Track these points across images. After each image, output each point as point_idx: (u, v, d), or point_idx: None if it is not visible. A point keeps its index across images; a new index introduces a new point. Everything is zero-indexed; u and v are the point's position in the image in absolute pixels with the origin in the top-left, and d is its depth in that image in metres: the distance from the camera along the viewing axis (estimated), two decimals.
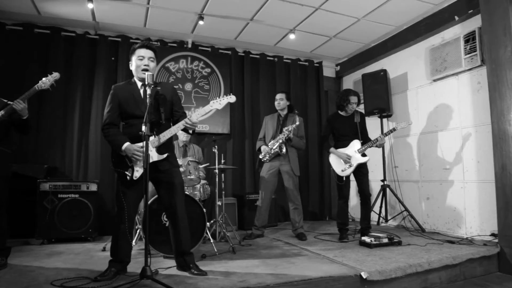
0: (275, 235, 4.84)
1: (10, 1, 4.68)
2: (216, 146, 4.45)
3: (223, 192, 4.56)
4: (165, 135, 2.75)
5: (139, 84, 2.88)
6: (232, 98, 2.88)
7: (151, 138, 2.73)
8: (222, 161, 4.67)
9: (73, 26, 5.39)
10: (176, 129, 2.76)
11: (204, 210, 3.78)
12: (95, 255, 3.62)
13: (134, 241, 3.76)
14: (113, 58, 5.51)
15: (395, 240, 3.94)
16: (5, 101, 3.30)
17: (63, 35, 5.36)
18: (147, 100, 2.61)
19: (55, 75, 3.28)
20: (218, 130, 6.00)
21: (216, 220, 4.29)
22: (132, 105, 2.81)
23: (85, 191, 4.41)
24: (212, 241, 3.83)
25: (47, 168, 4.63)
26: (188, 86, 5.96)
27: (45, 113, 5.19)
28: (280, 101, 4.78)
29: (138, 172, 2.72)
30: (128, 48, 5.58)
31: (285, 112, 4.80)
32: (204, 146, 5.14)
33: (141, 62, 2.83)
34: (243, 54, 6.36)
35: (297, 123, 4.52)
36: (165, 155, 2.76)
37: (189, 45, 6.01)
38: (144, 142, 2.48)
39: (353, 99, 4.38)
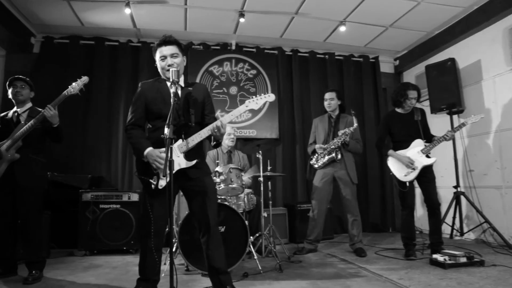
0: (330, 250, 4.31)
1: (55, 14, 4.75)
2: (260, 152, 4.06)
3: (270, 202, 4.15)
4: (194, 139, 2.41)
5: (169, 82, 2.59)
6: (270, 97, 2.48)
7: (179, 142, 2.42)
8: (269, 167, 4.27)
9: (116, 35, 5.37)
10: (206, 132, 2.41)
11: (247, 222, 3.39)
12: (131, 269, 3.38)
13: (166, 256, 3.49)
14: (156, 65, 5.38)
15: (475, 260, 3.25)
16: (39, 109, 3.21)
17: (107, 44, 5.37)
18: (171, 100, 2.30)
19: (84, 79, 3.15)
20: (266, 135, 5.63)
21: (262, 233, 3.87)
22: (160, 105, 2.49)
23: (126, 201, 4.25)
24: (256, 257, 3.42)
25: (90, 178, 4.55)
26: (233, 90, 5.67)
27: (90, 123, 5.19)
28: (331, 101, 4.28)
29: (163, 180, 2.40)
30: None
31: (336, 113, 4.29)
32: (250, 152, 4.77)
33: (164, 63, 2.53)
34: (290, 53, 5.95)
35: (355, 125, 4.02)
36: (193, 162, 2.41)
37: (233, 47, 5.74)
38: (166, 146, 2.15)
39: (412, 93, 3.77)
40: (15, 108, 3.29)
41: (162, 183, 2.39)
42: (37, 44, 5.30)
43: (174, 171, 2.29)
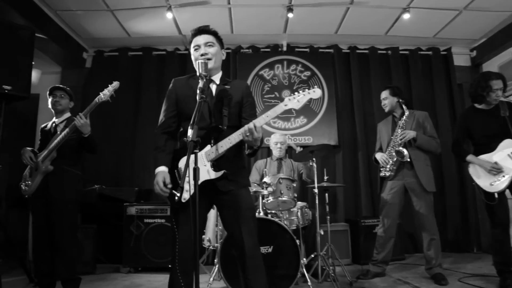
0: (401, 274, 3.64)
1: (102, 26, 4.75)
2: (314, 159, 3.56)
3: (328, 217, 3.62)
4: (223, 145, 2.01)
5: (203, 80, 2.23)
6: (315, 93, 2.00)
7: (207, 148, 2.04)
8: (325, 177, 3.75)
9: (163, 44, 5.26)
10: (236, 137, 2.00)
11: (298, 241, 2.91)
12: None
13: (211, 277, 3.12)
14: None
15: None
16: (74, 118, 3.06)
17: (155, 54, 5.29)
18: (197, 96, 1.94)
19: (114, 84, 2.99)
20: (324, 141, 5.09)
21: (318, 254, 3.34)
22: (192, 105, 2.09)
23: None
24: (310, 283, 2.92)
25: (137, 191, 4.38)
26: (286, 94, 5.24)
27: (140, 135, 5.09)
28: (384, 100, 3.69)
29: (188, 192, 2.03)
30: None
31: (399, 111, 3.66)
32: (303, 160, 4.27)
33: (197, 54, 2.19)
34: (348, 51, 5.38)
35: (406, 113, 3.47)
36: (220, 173, 2.01)
37: (284, 48, 5.33)
38: (189, 150, 1.78)
39: (496, 83, 3.04)
40: (54, 119, 3.21)
41: (186, 195, 2.02)
42: (89, 58, 5.36)
43: (200, 182, 1.92)
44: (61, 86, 3.26)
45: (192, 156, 1.85)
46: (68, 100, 3.23)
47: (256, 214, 3.24)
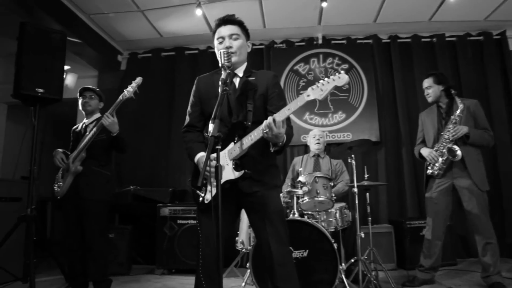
0: (452, 281, 3.30)
1: (134, 28, 4.77)
2: (352, 156, 3.32)
3: (370, 218, 3.35)
4: (244, 143, 1.84)
5: (224, 74, 2.08)
6: (341, 79, 1.70)
7: (230, 146, 1.88)
8: (366, 175, 3.48)
9: (195, 43, 5.21)
10: (258, 134, 1.82)
11: (335, 245, 2.69)
12: None
13: (244, 281, 2.97)
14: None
15: None
16: None
17: (187, 53, 5.25)
18: (219, 88, 1.79)
19: (137, 80, 2.96)
20: (365, 137, 4.78)
21: (358, 258, 3.08)
22: (215, 101, 1.97)
23: None
24: None
25: (172, 191, 4.33)
26: None
27: (174, 136, 5.06)
28: (428, 89, 3.35)
29: (210, 193, 1.88)
30: (255, 56, 5.10)
31: (444, 101, 3.31)
32: (341, 157, 4.01)
33: (221, 46, 2.04)
34: (388, 40, 5.04)
35: (460, 106, 3.09)
36: (240, 173, 1.83)
37: (320, 41, 5.09)
38: (208, 147, 1.63)
39: None
40: (84, 120, 3.21)
41: (208, 196, 1.87)
42: (123, 61, 5.43)
43: (221, 182, 1.77)
44: (90, 87, 3.26)
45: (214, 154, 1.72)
46: (98, 100, 3.23)
47: (291, 215, 3.07)
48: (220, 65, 1.92)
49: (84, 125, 3.15)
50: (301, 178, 3.23)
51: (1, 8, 3.71)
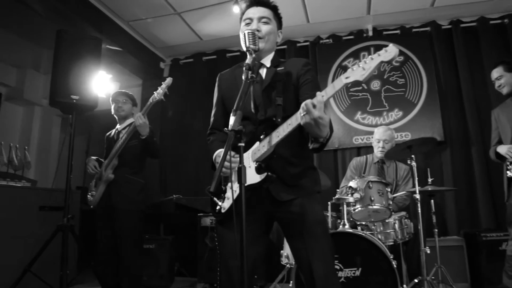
0: None
1: (173, 32, 4.67)
2: (413, 157, 2.86)
3: (436, 230, 2.86)
4: (270, 140, 1.52)
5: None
6: (388, 53, 1.31)
7: (255, 145, 1.57)
8: (430, 179, 2.99)
9: (236, 45, 4.98)
10: (286, 127, 1.48)
11: (395, 262, 2.26)
12: None
13: None
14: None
15: None
16: None
17: (229, 56, 5.07)
18: (243, 76, 1.50)
19: (167, 81, 2.82)
20: (427, 136, 4.24)
21: (423, 278, 2.60)
22: (234, 99, 1.67)
23: None
24: None
25: (212, 199, 4.10)
26: (375, 85, 4.54)
27: None
28: (498, 80, 2.86)
29: (228, 200, 1.59)
30: (300, 54, 4.77)
31: None
32: (398, 157, 3.49)
33: (247, 28, 1.75)
34: (449, 27, 4.45)
35: None
36: (263, 176, 1.50)
37: (370, 33, 4.64)
38: (226, 143, 1.34)
39: None
40: (117, 125, 3.10)
41: (225, 204, 1.58)
42: (166, 68, 5.38)
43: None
44: (123, 91, 3.15)
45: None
46: (131, 105, 3.11)
47: (341, 227, 2.68)
48: (244, 48, 1.62)
49: (117, 131, 3.04)
50: (351, 184, 2.84)
51: (40, 18, 3.76)
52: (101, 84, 4.12)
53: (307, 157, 1.71)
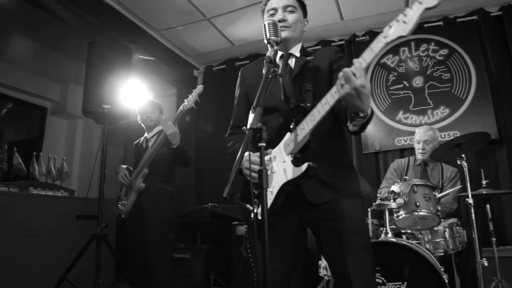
0: None
1: (205, 39, 4.62)
2: (463, 156, 2.57)
3: (494, 238, 2.54)
4: (304, 126, 1.37)
5: (277, 55, 1.67)
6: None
7: (286, 137, 1.44)
8: (484, 182, 2.68)
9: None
10: (322, 108, 1.31)
11: (446, 276, 2.01)
12: None
13: None
14: None
15: None
16: None
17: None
18: (264, 69, 1.38)
19: (198, 88, 2.81)
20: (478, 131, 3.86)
21: None
22: (261, 91, 1.54)
23: None
24: None
25: (243, 206, 3.98)
26: (418, 81, 4.23)
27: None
28: None
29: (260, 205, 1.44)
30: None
31: None
32: (445, 157, 3.17)
33: (271, 19, 1.64)
34: (499, 13, 4.05)
35: None
36: (304, 167, 1.34)
37: None
38: (244, 143, 1.22)
39: None
40: (145, 134, 3.08)
41: (259, 210, 1.44)
42: (200, 75, 5.37)
43: (278, 187, 1.35)
44: (149, 100, 3.14)
45: (256, 156, 1.30)
46: (158, 113, 3.08)
47: (383, 235, 2.45)
48: (265, 41, 1.50)
49: (145, 139, 3.02)
50: (394, 188, 2.61)
51: (76, 33, 3.86)
52: (136, 94, 4.16)
53: (344, 152, 1.56)
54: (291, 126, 1.40)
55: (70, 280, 2.75)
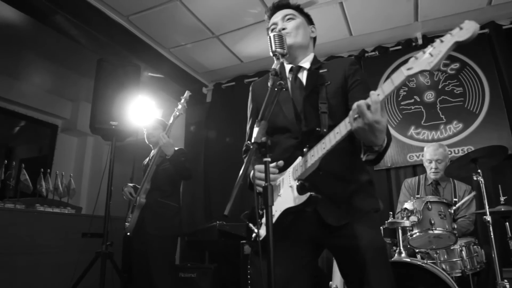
0: None
1: (213, 56, 4.65)
2: (479, 172, 2.47)
3: None
4: (314, 153, 1.31)
5: (286, 68, 1.63)
6: (464, 30, 1.05)
7: (297, 160, 1.38)
8: (502, 198, 2.57)
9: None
10: (334, 137, 1.26)
11: None
12: None
13: None
14: None
15: None
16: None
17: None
18: (269, 81, 1.35)
19: (185, 95, 2.80)
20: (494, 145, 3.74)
21: None
22: (276, 107, 1.49)
23: None
24: None
25: (247, 225, 3.89)
26: (429, 96, 4.15)
27: None
28: None
29: (265, 226, 1.38)
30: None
31: None
32: (460, 173, 3.05)
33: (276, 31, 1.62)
34: (511, 26, 3.99)
35: None
36: (305, 196, 1.27)
37: (420, 41, 4.28)
38: (247, 160, 1.18)
39: None
40: (152, 152, 3.07)
41: (262, 231, 1.38)
42: (209, 93, 5.38)
43: (279, 212, 1.29)
44: (155, 118, 3.14)
45: (261, 170, 1.25)
46: (161, 130, 3.06)
47: (396, 255, 2.34)
48: (271, 53, 1.47)
49: (151, 156, 3.00)
50: (407, 205, 2.51)
51: (87, 51, 3.92)
52: (145, 111, 4.17)
53: (362, 170, 1.47)
54: (304, 150, 1.35)
55: None
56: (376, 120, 1.11)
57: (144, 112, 4.18)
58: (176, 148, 2.81)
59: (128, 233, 2.80)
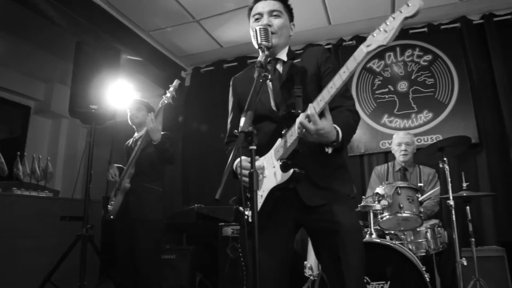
0: None
1: (193, 40, 4.64)
2: (445, 160, 2.65)
3: (473, 239, 2.62)
4: (292, 134, 1.41)
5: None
6: (411, 7, 1.16)
7: (277, 142, 1.48)
8: (464, 184, 2.77)
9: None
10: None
11: (428, 275, 2.07)
12: None
13: None
14: None
15: None
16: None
17: (249, 62, 4.96)
18: (255, 73, 1.41)
19: (174, 83, 2.84)
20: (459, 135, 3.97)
21: None
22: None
23: None
24: None
25: (236, 209, 3.99)
26: (403, 86, 4.32)
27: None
28: None
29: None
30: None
31: None
32: (428, 161, 3.25)
33: (257, 24, 1.68)
34: (481, 21, 4.17)
35: None
36: (289, 173, 1.38)
37: None
38: (235, 147, 1.26)
39: None
40: (135, 134, 3.08)
41: (250, 214, 1.47)
42: (187, 77, 5.37)
43: (267, 191, 1.38)
44: (137, 99, 3.13)
45: (247, 161, 1.33)
46: (146, 112, 3.07)
47: (367, 236, 2.51)
48: (256, 45, 1.54)
49: (134, 139, 3.02)
50: (378, 190, 2.66)
51: (65, 33, 3.82)
52: (123, 94, 4.13)
53: (336, 155, 1.59)
54: (283, 132, 1.44)
55: (54, 281, 2.71)
56: (318, 128, 1.26)
57: (123, 95, 4.16)
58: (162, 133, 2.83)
59: (112, 216, 2.83)
